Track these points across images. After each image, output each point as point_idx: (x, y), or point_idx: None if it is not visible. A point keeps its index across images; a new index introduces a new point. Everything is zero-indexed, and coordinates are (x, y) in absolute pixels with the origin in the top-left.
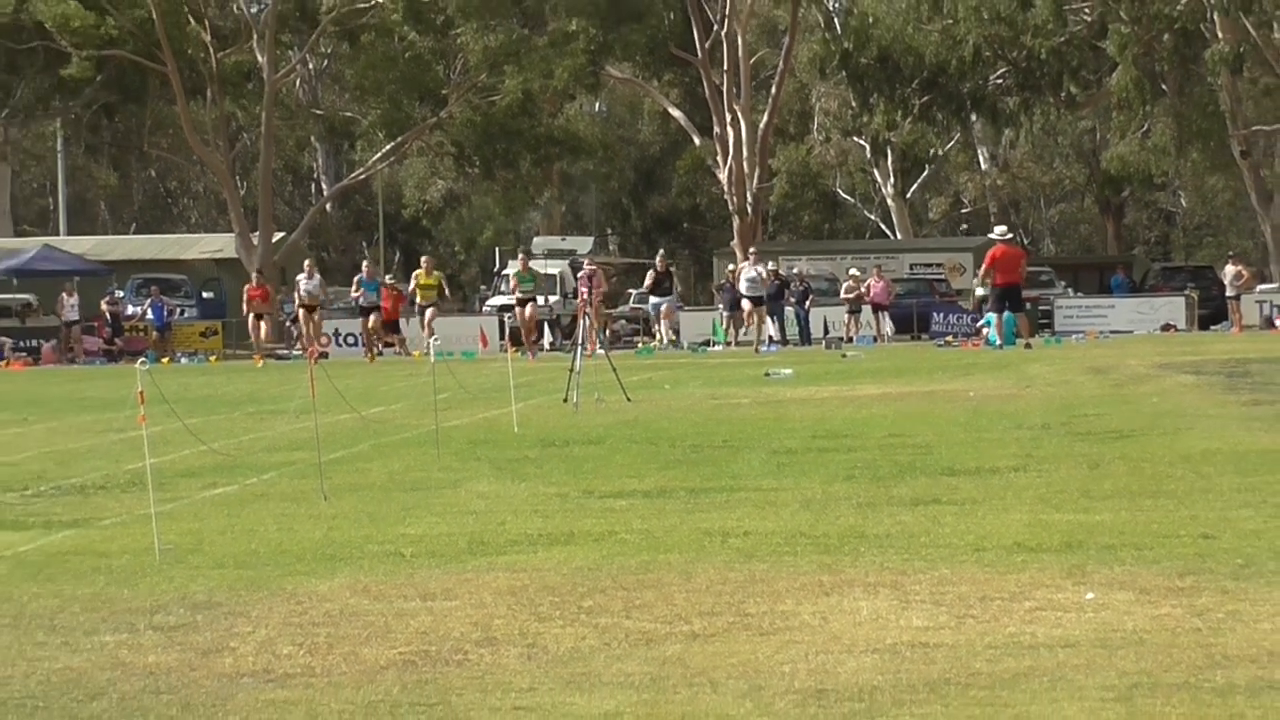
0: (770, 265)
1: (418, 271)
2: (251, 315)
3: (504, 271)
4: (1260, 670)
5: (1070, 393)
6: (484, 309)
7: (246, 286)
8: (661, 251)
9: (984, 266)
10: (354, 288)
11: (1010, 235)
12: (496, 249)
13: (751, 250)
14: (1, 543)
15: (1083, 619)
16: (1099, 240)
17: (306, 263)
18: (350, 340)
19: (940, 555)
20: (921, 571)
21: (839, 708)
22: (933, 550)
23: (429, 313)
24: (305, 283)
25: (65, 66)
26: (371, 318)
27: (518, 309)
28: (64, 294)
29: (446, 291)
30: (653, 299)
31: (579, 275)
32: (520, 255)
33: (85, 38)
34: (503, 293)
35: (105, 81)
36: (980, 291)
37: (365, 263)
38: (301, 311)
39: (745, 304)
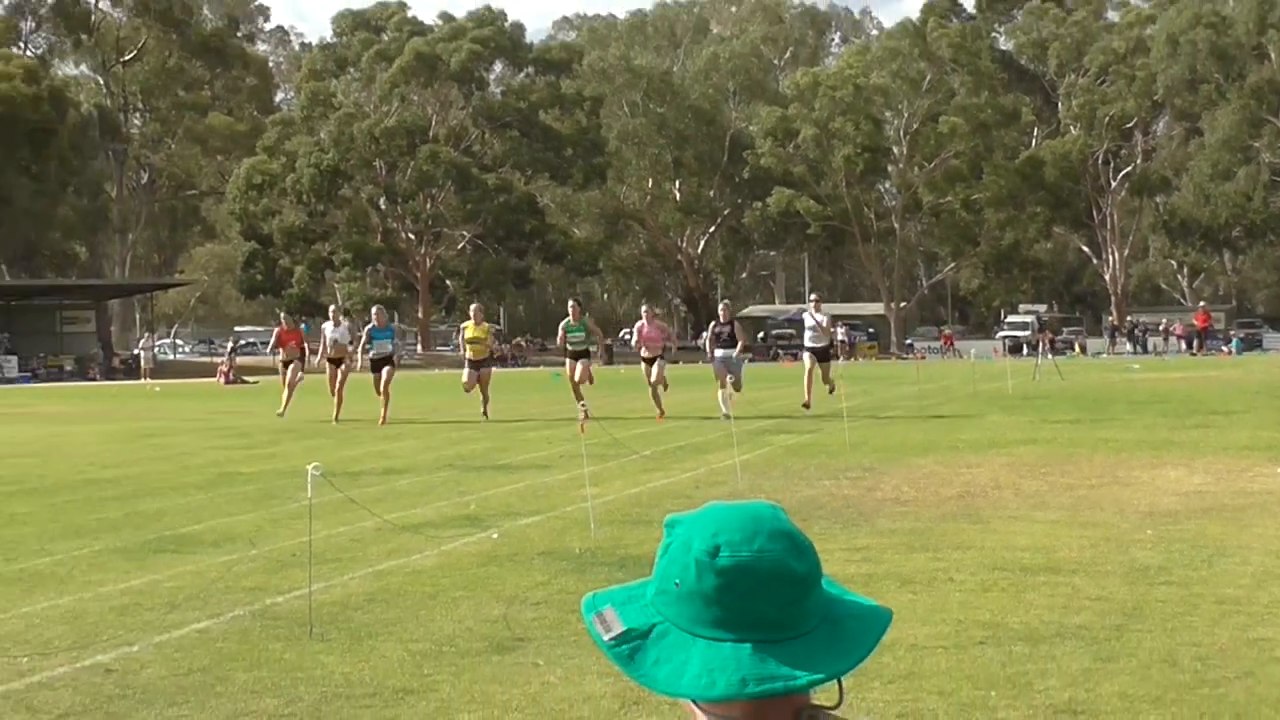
0: (824, 312)
1: (466, 323)
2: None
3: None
4: None
5: (1272, 375)
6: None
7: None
8: (726, 300)
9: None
10: (364, 339)
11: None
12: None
13: (812, 297)
14: (780, 442)
15: (1277, 481)
16: None
17: (332, 309)
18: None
19: (1209, 451)
20: (1199, 458)
21: (1160, 519)
22: (1205, 448)
23: (489, 376)
24: (331, 331)
25: (807, 229)
26: (384, 370)
27: (568, 362)
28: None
29: (494, 347)
30: (717, 353)
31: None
32: (571, 305)
33: (815, 216)
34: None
35: (825, 234)
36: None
37: (375, 309)
38: (328, 365)
39: (807, 357)
